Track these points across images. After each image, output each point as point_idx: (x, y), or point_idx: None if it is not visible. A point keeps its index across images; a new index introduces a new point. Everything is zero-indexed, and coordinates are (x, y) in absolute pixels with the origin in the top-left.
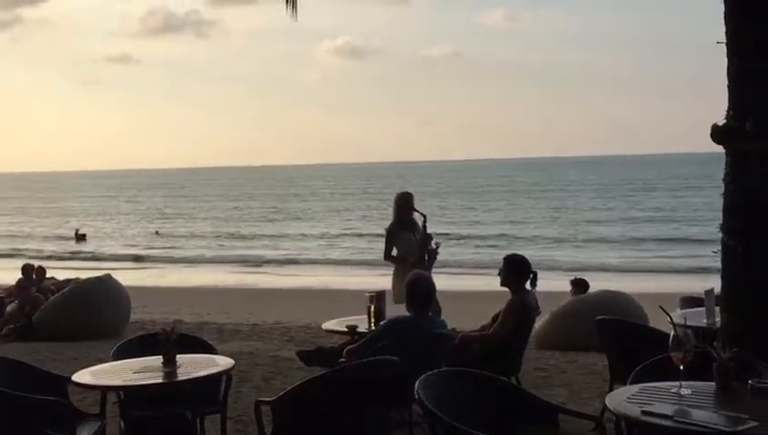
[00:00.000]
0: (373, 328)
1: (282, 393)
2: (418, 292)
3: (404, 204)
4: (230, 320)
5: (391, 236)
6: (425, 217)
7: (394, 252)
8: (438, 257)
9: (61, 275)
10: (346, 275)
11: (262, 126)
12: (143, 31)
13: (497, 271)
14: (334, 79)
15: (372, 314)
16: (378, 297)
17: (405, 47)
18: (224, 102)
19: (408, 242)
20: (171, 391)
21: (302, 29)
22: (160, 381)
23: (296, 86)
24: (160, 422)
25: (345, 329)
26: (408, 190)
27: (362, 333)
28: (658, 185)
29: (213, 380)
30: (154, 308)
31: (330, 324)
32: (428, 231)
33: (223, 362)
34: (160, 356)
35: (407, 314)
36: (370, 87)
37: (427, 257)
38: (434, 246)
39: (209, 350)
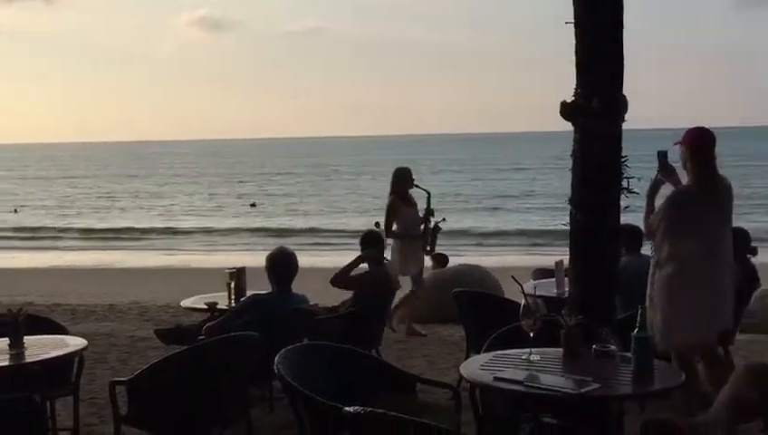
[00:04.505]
0: (233, 305)
1: (137, 372)
2: (280, 267)
3: (404, 178)
4: (84, 301)
5: (393, 211)
6: (429, 193)
7: (394, 227)
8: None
9: None
10: (206, 254)
11: (113, 99)
12: None
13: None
14: (192, 51)
15: (232, 291)
16: (238, 274)
17: (267, 21)
18: (73, 75)
19: (412, 217)
20: (18, 374)
21: None
22: (6, 363)
23: (152, 58)
24: (7, 407)
25: (205, 306)
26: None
27: (222, 310)
28: (523, 163)
29: (63, 361)
30: (1, 290)
31: (189, 302)
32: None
33: (74, 343)
34: (6, 338)
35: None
36: (229, 60)
37: (431, 233)
38: (437, 221)
39: (60, 331)
